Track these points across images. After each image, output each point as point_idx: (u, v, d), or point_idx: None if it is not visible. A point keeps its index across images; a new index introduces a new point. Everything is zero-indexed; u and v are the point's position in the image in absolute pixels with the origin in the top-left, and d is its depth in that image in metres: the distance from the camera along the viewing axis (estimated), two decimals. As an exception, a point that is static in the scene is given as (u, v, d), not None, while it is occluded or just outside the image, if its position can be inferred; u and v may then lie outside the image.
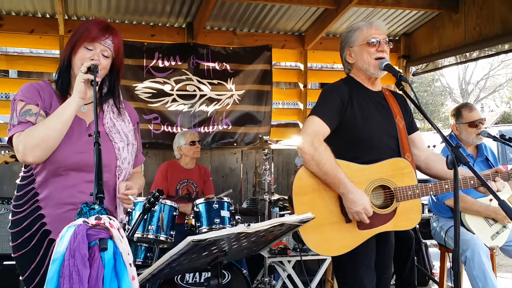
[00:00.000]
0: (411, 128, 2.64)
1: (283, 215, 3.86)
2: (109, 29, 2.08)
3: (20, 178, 2.07)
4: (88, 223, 1.56)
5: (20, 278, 2.01)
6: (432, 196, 3.69)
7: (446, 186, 2.47)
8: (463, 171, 2.45)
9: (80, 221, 1.57)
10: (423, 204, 4.40)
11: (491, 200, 3.50)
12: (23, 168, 2.08)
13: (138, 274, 1.75)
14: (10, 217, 2.03)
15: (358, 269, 2.45)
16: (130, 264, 1.61)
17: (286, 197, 4.57)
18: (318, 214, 2.24)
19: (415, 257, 4.33)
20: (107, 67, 2.08)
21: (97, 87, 1.94)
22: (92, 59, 1.99)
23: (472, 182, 2.48)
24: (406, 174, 2.45)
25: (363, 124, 2.45)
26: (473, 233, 3.48)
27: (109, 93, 2.18)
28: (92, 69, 1.93)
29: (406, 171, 2.45)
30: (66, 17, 4.85)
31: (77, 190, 1.98)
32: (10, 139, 1.97)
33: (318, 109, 2.46)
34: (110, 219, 1.61)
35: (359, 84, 2.56)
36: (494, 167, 3.71)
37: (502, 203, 1.96)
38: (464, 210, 3.50)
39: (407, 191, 2.42)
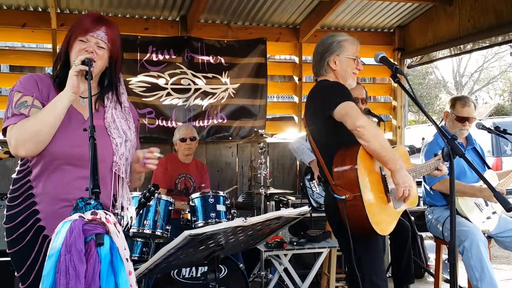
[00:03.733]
0: None
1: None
2: (102, 20, 2.06)
3: (16, 172, 2.05)
4: (84, 218, 1.55)
5: (16, 274, 2.00)
6: (425, 185, 3.75)
7: (431, 167, 2.92)
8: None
9: (76, 216, 1.55)
10: (418, 196, 4.45)
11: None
12: (19, 162, 2.06)
13: (135, 269, 1.74)
14: (5, 212, 2.01)
15: (373, 256, 2.57)
16: (127, 259, 1.60)
17: (281, 191, 4.58)
18: (376, 195, 2.48)
19: (411, 250, 4.35)
20: (103, 57, 2.04)
21: (91, 81, 1.92)
22: (86, 50, 1.97)
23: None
24: (407, 159, 2.83)
25: None
26: (466, 218, 3.54)
27: (108, 86, 2.15)
28: (86, 63, 1.91)
29: (407, 157, 2.85)
30: (59, 11, 4.79)
31: (73, 186, 1.96)
32: (5, 131, 1.96)
33: (346, 96, 2.53)
34: (106, 214, 1.59)
35: None
36: (482, 156, 3.82)
37: (497, 195, 2.01)
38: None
39: (410, 173, 2.64)
